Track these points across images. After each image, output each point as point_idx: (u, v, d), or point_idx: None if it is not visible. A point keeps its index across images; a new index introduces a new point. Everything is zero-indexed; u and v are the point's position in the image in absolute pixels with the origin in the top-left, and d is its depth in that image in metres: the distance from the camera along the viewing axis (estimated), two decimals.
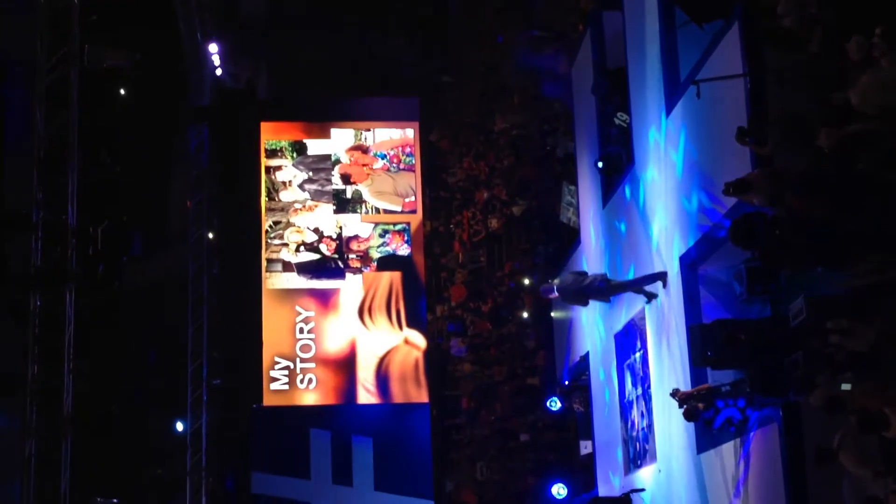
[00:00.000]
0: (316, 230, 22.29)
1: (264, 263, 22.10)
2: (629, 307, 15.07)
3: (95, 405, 18.24)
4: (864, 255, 8.20)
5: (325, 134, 22.68)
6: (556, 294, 15.06)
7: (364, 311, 21.97)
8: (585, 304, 15.30)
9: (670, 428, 13.15)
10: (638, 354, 15.08)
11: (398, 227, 22.39)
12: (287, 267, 22.16)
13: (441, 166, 22.64)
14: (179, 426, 21.15)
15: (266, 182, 22.43)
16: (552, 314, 20.91)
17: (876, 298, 8.30)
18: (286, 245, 22.23)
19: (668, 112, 13.04)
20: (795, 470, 9.95)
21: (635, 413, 15.28)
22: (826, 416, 8.44)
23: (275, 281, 22.06)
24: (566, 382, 19.36)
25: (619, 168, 15.99)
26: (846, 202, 8.15)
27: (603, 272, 15.24)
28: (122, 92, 18.08)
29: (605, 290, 14.50)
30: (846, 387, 8.08)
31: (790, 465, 10.01)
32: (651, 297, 13.78)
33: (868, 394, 7.85)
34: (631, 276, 14.79)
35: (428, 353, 21.82)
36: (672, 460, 13.24)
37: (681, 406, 11.14)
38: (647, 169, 14.14)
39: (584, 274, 15.25)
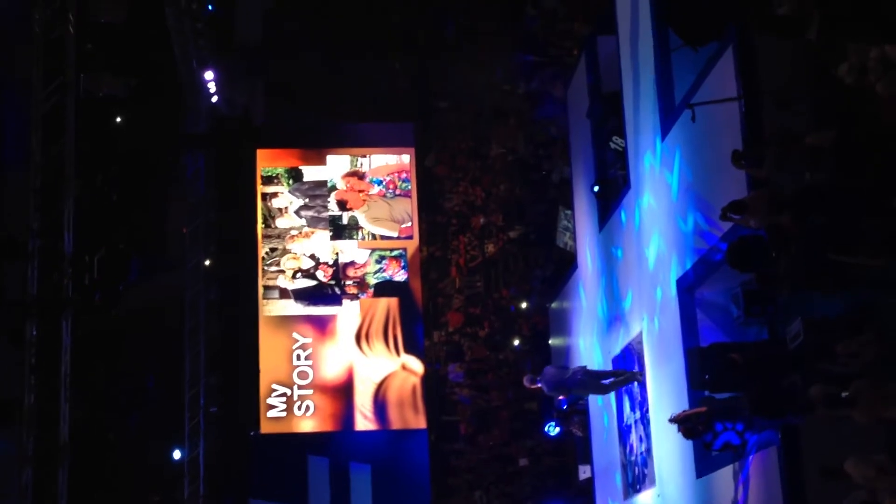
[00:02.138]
0: (312, 256, 22.29)
1: (261, 290, 22.09)
2: (626, 331, 15.06)
3: (92, 433, 18.19)
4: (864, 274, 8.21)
5: (321, 160, 22.71)
6: (540, 385, 15.45)
7: (361, 337, 21.95)
8: (568, 395, 15.83)
9: (669, 452, 13.11)
10: None
11: (395, 252, 22.39)
12: (284, 294, 22.14)
13: (437, 191, 22.67)
14: (177, 454, 21.08)
15: (262, 209, 22.44)
16: (549, 341, 20.90)
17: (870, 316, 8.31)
18: (283, 272, 22.22)
19: (664, 136, 13.06)
20: (795, 493, 9.92)
21: (634, 437, 15.24)
22: (826, 429, 8.43)
23: (272, 308, 22.04)
24: (564, 407, 19.32)
25: (615, 192, 16.01)
26: (844, 222, 8.15)
27: (583, 365, 15.76)
28: (118, 119, 18.13)
29: (586, 382, 15.06)
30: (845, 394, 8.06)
31: (789, 488, 9.98)
32: (636, 378, 14.47)
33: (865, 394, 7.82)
34: (628, 303, 14.82)
35: (425, 379, 21.78)
36: (671, 485, 13.19)
37: (679, 425, 11.11)
38: (642, 193, 14.16)
39: (566, 368, 15.74)
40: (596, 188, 16.64)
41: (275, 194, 22.54)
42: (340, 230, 22.47)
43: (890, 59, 7.72)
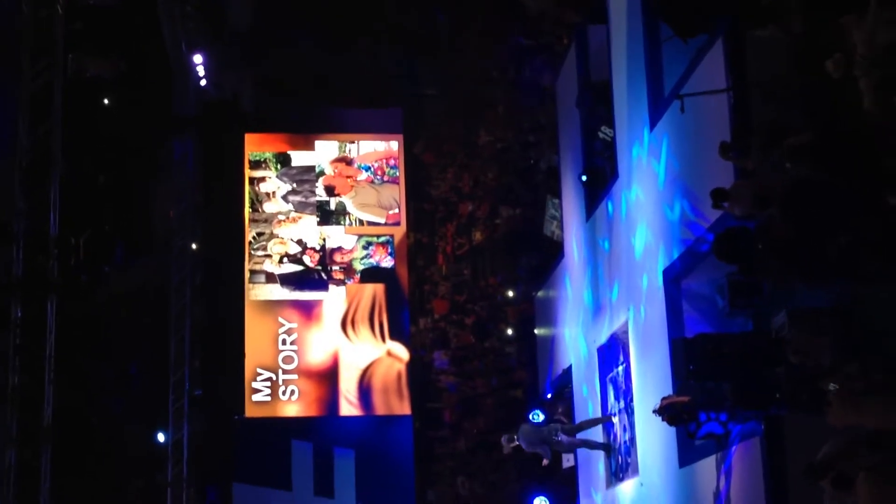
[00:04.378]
0: (299, 242, 22.27)
1: (247, 274, 22.07)
2: (612, 320, 15.10)
3: (76, 415, 18.16)
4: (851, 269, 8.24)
5: (309, 146, 22.68)
6: (518, 443, 16.10)
7: (347, 322, 21.95)
8: (546, 451, 16.19)
9: (652, 441, 13.16)
10: (621, 368, 15.10)
11: (382, 239, 22.38)
12: (270, 278, 22.12)
13: (425, 178, 22.66)
14: (161, 437, 21.06)
15: (250, 193, 22.41)
16: (535, 329, 20.95)
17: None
18: (269, 256, 22.20)
19: (652, 126, 13.08)
20: (777, 484, 9.97)
21: (618, 426, 15.30)
22: (809, 420, 8.46)
23: (258, 292, 22.02)
24: (549, 396, 19.37)
25: (603, 182, 16.03)
26: (832, 216, 8.17)
27: (556, 423, 16.60)
28: (106, 101, 18.05)
29: (561, 441, 15.93)
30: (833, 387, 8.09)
31: (772, 478, 10.03)
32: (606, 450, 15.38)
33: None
34: (615, 294, 14.85)
35: (411, 366, 21.80)
36: (654, 474, 13.24)
37: (662, 412, 11.14)
38: (630, 183, 14.18)
39: (540, 426, 16.43)
40: (584, 177, 16.66)
41: (262, 179, 22.51)
42: (328, 216, 22.45)
43: (875, 55, 7.73)
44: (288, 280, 22.10)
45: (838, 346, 8.35)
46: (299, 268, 22.18)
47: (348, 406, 21.67)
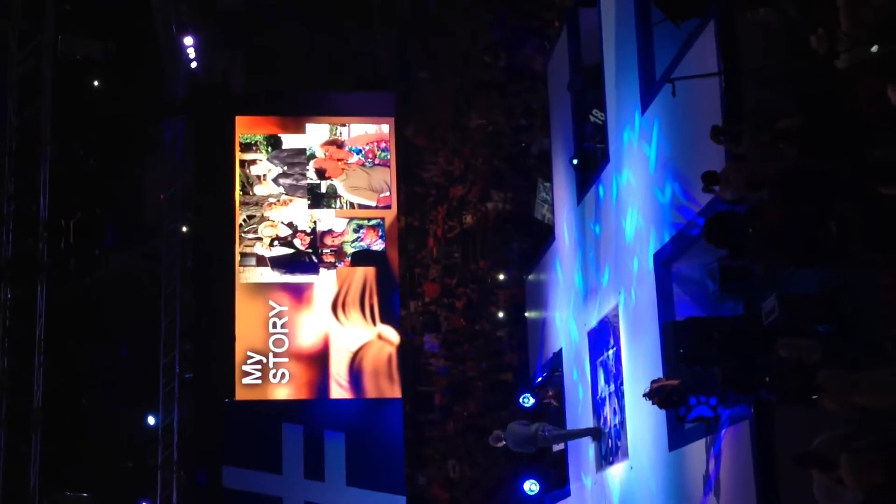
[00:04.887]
0: (290, 224, 22.23)
1: (238, 257, 22.03)
2: (602, 304, 15.11)
3: (66, 398, 18.14)
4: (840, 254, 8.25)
5: (300, 128, 22.61)
6: (505, 442, 16.42)
7: (338, 306, 21.93)
8: (532, 449, 16.59)
9: (642, 425, 13.18)
10: (611, 351, 15.12)
11: (373, 222, 22.35)
12: (261, 261, 22.09)
13: (416, 162, 22.62)
14: (151, 420, 21.05)
15: (240, 176, 22.35)
16: (526, 313, 20.96)
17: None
18: (260, 239, 22.16)
19: (644, 110, 13.07)
20: (766, 467, 9.99)
21: (608, 410, 15.32)
22: (798, 410, 8.48)
23: (248, 275, 21.99)
24: (539, 380, 19.39)
25: (594, 165, 16.02)
26: (822, 200, 8.18)
27: (543, 423, 16.71)
28: (96, 83, 17.98)
29: (548, 436, 16.24)
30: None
31: (761, 462, 10.05)
32: (595, 434, 15.42)
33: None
34: (606, 278, 14.87)
35: (401, 349, 21.81)
36: (644, 457, 13.27)
37: (652, 395, 11.16)
38: (622, 167, 14.17)
39: (528, 424, 16.56)
40: (575, 161, 16.65)
41: (253, 161, 22.45)
42: (318, 198, 22.40)
43: (858, 34, 7.73)
44: (278, 263, 22.07)
45: (827, 348, 8.38)
46: (290, 251, 22.14)
47: (339, 389, 21.67)
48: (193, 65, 21.73)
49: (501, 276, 21.82)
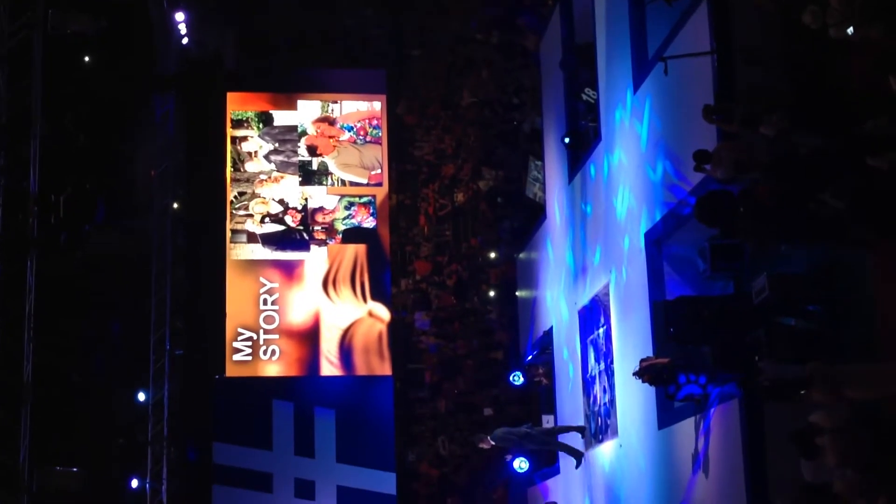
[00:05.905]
0: (281, 201, 22.20)
1: (229, 234, 21.99)
2: (593, 282, 15.13)
3: (56, 374, 18.14)
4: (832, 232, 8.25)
5: (291, 105, 22.55)
6: (493, 443, 16.82)
7: (328, 283, 21.92)
8: (520, 446, 17.11)
9: (632, 403, 13.22)
10: (601, 330, 15.15)
11: (364, 199, 22.33)
12: (252, 238, 22.06)
13: (408, 139, 22.58)
14: (141, 396, 21.04)
15: (231, 152, 22.29)
16: (517, 291, 20.98)
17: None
18: (251, 216, 22.12)
19: (636, 88, 13.06)
20: (755, 446, 10.04)
21: (598, 388, 15.36)
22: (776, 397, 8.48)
23: (239, 252, 21.97)
24: (529, 358, 19.43)
25: (585, 144, 16.02)
26: (814, 178, 8.19)
27: (529, 423, 17.33)
28: (87, 58, 17.90)
29: (533, 435, 16.59)
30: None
31: (750, 440, 10.09)
32: (580, 430, 15.66)
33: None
34: (597, 259, 14.89)
35: (392, 326, 21.82)
36: (633, 435, 13.31)
37: (642, 373, 11.19)
38: (613, 147, 14.16)
39: (512, 430, 16.90)
40: (567, 139, 16.64)
41: (244, 138, 22.39)
42: (310, 175, 22.36)
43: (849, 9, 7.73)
44: (269, 240, 22.04)
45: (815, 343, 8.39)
46: (281, 228, 22.12)
47: (329, 366, 21.68)
48: (185, 41, 21.63)
49: (493, 255, 21.83)
